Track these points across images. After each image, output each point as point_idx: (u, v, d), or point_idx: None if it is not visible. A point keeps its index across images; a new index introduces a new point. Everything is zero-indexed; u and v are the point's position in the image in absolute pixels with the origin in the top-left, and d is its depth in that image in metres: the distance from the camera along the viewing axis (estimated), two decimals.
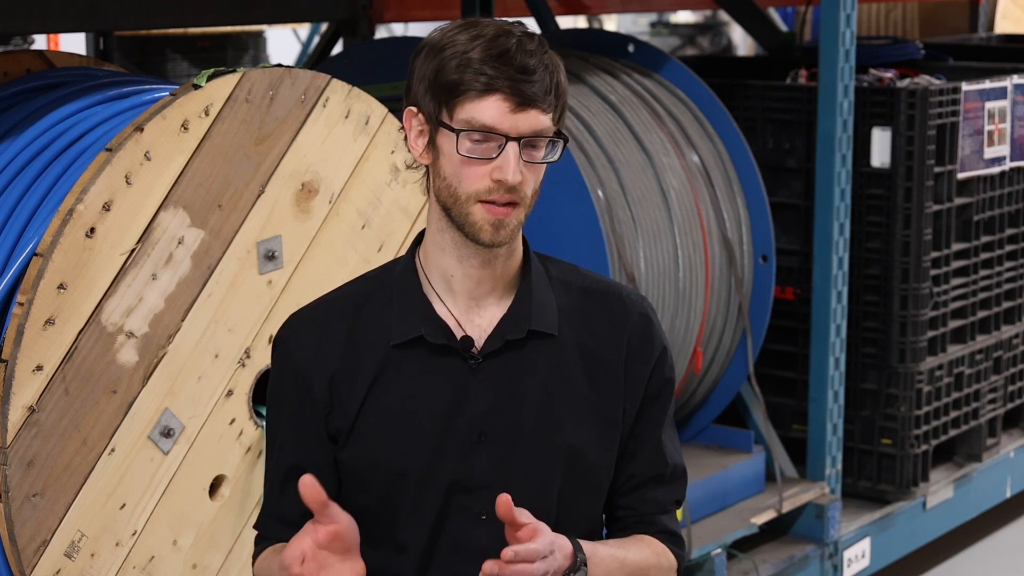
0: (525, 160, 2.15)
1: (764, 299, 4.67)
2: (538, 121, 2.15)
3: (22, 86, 3.24)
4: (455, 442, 2.24)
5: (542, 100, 2.14)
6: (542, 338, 2.26)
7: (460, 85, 2.13)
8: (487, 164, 2.14)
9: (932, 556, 5.35)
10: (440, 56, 2.15)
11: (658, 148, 4.47)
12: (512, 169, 2.13)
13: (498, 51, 2.13)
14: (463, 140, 2.14)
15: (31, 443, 2.66)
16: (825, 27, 4.57)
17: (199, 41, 7.64)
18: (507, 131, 2.13)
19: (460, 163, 2.15)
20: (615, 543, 2.30)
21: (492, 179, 2.14)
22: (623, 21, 13.86)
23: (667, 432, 2.37)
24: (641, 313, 2.33)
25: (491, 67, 2.12)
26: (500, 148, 2.13)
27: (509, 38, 2.14)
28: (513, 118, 2.13)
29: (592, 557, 2.21)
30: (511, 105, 2.13)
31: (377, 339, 2.26)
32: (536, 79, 2.13)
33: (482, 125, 2.13)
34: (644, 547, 2.33)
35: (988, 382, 5.30)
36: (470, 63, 2.12)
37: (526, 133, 2.14)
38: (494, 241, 2.17)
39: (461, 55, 2.13)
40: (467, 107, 2.13)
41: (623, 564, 2.27)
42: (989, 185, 5.18)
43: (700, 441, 4.82)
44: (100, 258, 2.72)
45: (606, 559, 2.24)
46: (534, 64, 2.14)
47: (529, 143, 2.15)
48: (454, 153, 2.15)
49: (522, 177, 2.15)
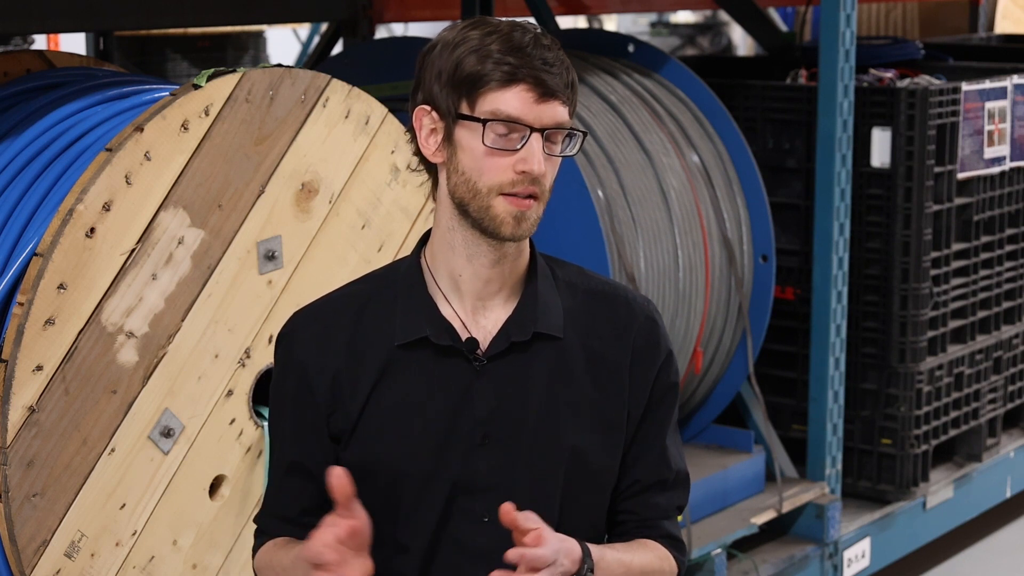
0: (545, 153, 2.15)
1: (764, 299, 4.67)
2: (559, 113, 2.15)
3: (22, 86, 3.24)
4: (458, 444, 2.23)
5: (563, 92, 2.15)
6: (547, 340, 2.26)
7: (483, 76, 2.13)
8: (509, 156, 2.14)
9: (932, 556, 5.35)
10: (457, 51, 2.15)
11: (658, 148, 4.47)
12: (537, 160, 2.13)
13: (516, 44, 2.13)
14: (488, 131, 2.13)
15: (31, 443, 2.66)
16: (825, 27, 4.58)
17: (199, 41, 7.64)
18: (531, 122, 2.13)
19: (483, 155, 2.14)
20: (621, 547, 2.30)
21: (516, 171, 2.14)
22: (623, 21, 13.85)
23: (671, 437, 2.36)
24: (647, 316, 2.33)
25: (513, 57, 2.12)
26: (523, 139, 2.13)
27: (525, 33, 2.15)
28: (537, 109, 2.13)
29: (599, 562, 2.20)
30: (535, 95, 2.13)
31: (381, 339, 2.25)
32: (556, 71, 2.14)
33: (507, 115, 2.13)
34: (648, 552, 2.32)
35: (988, 382, 5.30)
36: (491, 54, 2.12)
37: (549, 124, 2.14)
38: (515, 234, 2.16)
39: (480, 48, 2.13)
40: (490, 97, 2.13)
41: (628, 568, 2.26)
42: (989, 185, 5.18)
43: (700, 441, 4.82)
44: (100, 258, 2.72)
45: (612, 564, 2.23)
46: (552, 57, 2.14)
47: (548, 136, 2.15)
48: (477, 146, 2.14)
49: (543, 169, 2.15)
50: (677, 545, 2.38)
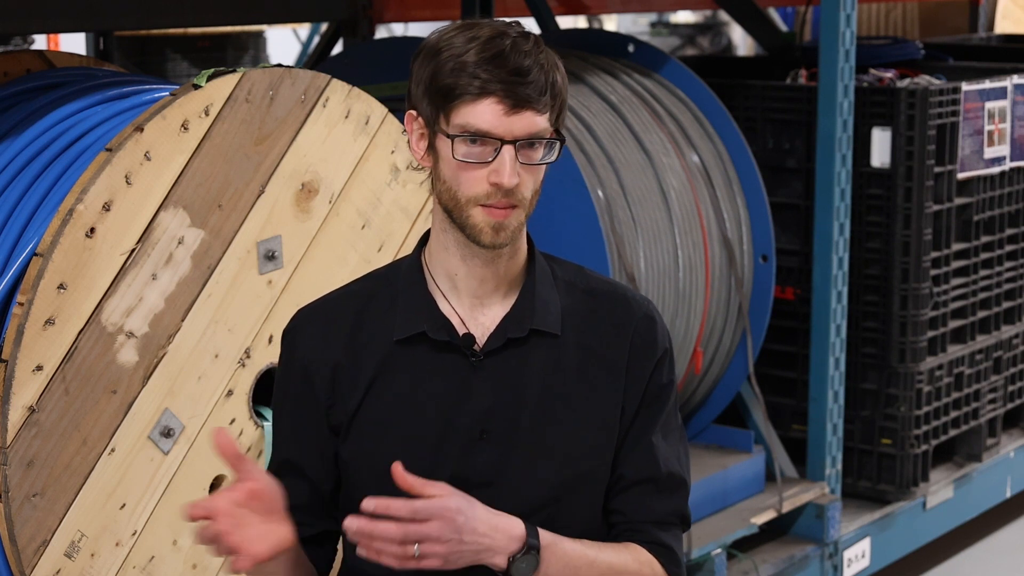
0: (522, 162, 2.15)
1: (764, 299, 4.67)
2: (533, 123, 2.14)
3: (22, 86, 3.24)
4: (456, 439, 2.24)
5: (536, 101, 2.14)
6: (544, 337, 2.27)
7: (454, 90, 2.13)
8: (484, 168, 2.14)
9: (932, 556, 5.35)
10: (436, 60, 2.15)
11: (658, 148, 4.47)
12: (508, 172, 2.13)
13: (492, 53, 2.12)
14: (458, 145, 2.14)
15: (31, 443, 2.66)
16: (825, 27, 4.58)
17: (199, 41, 7.64)
18: (502, 134, 2.13)
19: (457, 167, 2.15)
20: (587, 542, 2.25)
21: (489, 182, 2.14)
22: (623, 21, 13.85)
23: (665, 437, 2.33)
24: (645, 315, 2.33)
25: (484, 71, 2.12)
26: (496, 151, 2.13)
27: (504, 39, 2.14)
28: (508, 121, 2.13)
29: (551, 547, 2.17)
30: (505, 108, 2.12)
31: (381, 335, 2.26)
32: (531, 80, 2.13)
33: (476, 130, 2.13)
34: (625, 552, 2.27)
35: (988, 382, 5.30)
36: (464, 67, 2.12)
37: (521, 136, 2.14)
38: (494, 243, 2.18)
39: (456, 59, 2.13)
40: (462, 111, 2.13)
41: (592, 563, 2.22)
42: (989, 185, 5.18)
43: (700, 441, 4.82)
44: (100, 258, 2.72)
45: (570, 553, 2.19)
46: (529, 64, 2.13)
47: (526, 144, 2.15)
48: (451, 158, 2.15)
49: (519, 179, 2.15)
50: (668, 555, 2.30)
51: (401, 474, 2.08)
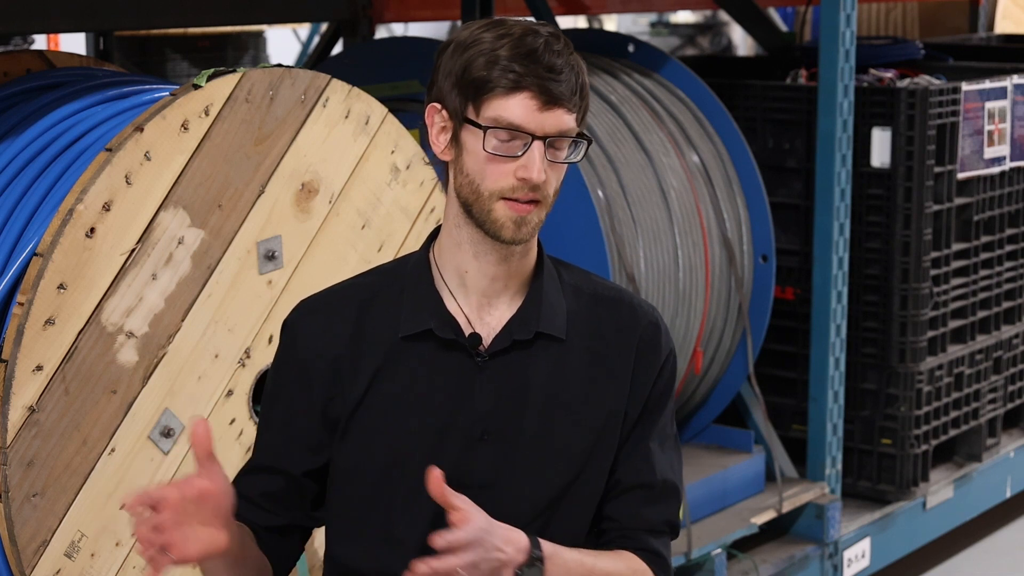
0: (549, 159, 2.16)
1: (764, 299, 4.67)
2: (563, 121, 2.15)
3: (22, 86, 3.24)
4: (457, 438, 2.24)
5: (568, 100, 2.15)
6: (550, 340, 2.27)
7: (488, 82, 2.13)
8: (511, 162, 2.15)
9: (932, 556, 5.35)
10: (467, 53, 2.16)
11: (658, 148, 4.47)
12: (537, 168, 2.14)
13: (526, 50, 2.13)
14: (489, 137, 2.14)
15: (31, 443, 2.66)
16: (825, 27, 4.57)
17: (199, 41, 7.64)
18: (533, 130, 2.14)
19: (485, 160, 2.15)
20: (584, 551, 2.25)
21: (516, 177, 2.15)
22: (623, 21, 13.85)
23: (661, 444, 2.33)
24: (651, 321, 2.34)
25: (519, 65, 2.12)
26: (525, 147, 2.14)
27: (537, 37, 2.15)
28: (540, 117, 2.14)
29: (553, 557, 2.17)
30: (538, 104, 2.13)
31: (385, 330, 2.26)
32: (563, 79, 2.14)
33: (509, 123, 2.13)
34: (618, 560, 2.28)
35: (988, 382, 5.30)
36: (498, 60, 2.13)
37: (551, 132, 2.15)
38: (515, 238, 2.18)
39: (489, 52, 2.14)
40: (494, 104, 2.14)
41: (591, 572, 2.22)
42: (989, 185, 5.18)
43: (700, 441, 4.82)
44: (100, 258, 2.72)
45: (570, 562, 2.20)
46: (561, 64, 2.14)
47: (552, 143, 2.16)
48: (479, 150, 2.15)
49: (545, 176, 2.16)
50: (660, 562, 2.31)
51: (437, 480, 2.06)
